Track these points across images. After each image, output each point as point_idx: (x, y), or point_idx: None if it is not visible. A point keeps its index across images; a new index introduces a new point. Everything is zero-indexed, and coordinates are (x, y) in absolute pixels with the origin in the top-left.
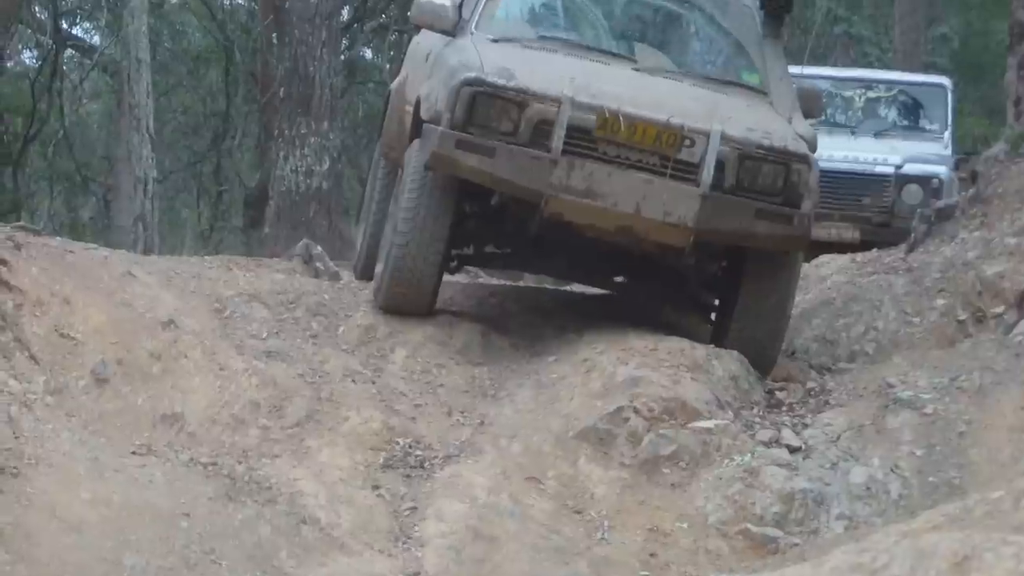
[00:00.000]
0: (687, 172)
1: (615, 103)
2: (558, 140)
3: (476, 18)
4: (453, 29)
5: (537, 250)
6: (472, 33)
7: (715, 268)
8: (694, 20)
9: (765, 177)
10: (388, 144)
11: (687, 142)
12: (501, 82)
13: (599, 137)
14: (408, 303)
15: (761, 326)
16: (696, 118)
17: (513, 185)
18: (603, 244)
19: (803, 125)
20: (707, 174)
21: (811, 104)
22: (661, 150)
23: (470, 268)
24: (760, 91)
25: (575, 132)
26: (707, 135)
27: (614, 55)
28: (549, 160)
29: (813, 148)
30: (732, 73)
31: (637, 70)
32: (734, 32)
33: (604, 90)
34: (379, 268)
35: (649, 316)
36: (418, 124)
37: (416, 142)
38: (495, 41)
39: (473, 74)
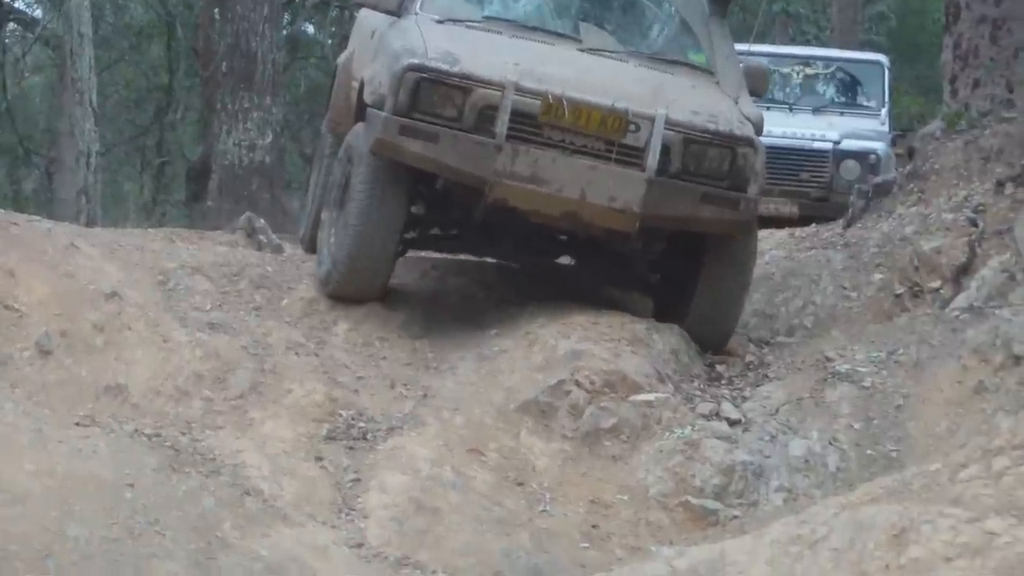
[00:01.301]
0: (632, 157)
1: (559, 87)
2: (502, 126)
3: None
4: (398, 9)
5: (483, 233)
6: (417, 13)
7: (660, 248)
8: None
9: (711, 161)
10: (335, 119)
11: (632, 127)
12: (445, 67)
13: (544, 122)
14: (362, 290)
15: (721, 307)
16: (641, 102)
17: (458, 171)
18: (549, 227)
19: (749, 105)
20: (652, 159)
21: (757, 82)
22: (606, 135)
23: None
24: (706, 71)
25: (519, 117)
26: (652, 119)
27: (559, 35)
28: (494, 146)
29: (759, 129)
30: (678, 52)
31: (582, 50)
32: (680, 11)
33: (549, 74)
34: (328, 255)
35: (591, 291)
36: (362, 107)
37: (360, 126)
38: (440, 22)
39: (417, 60)
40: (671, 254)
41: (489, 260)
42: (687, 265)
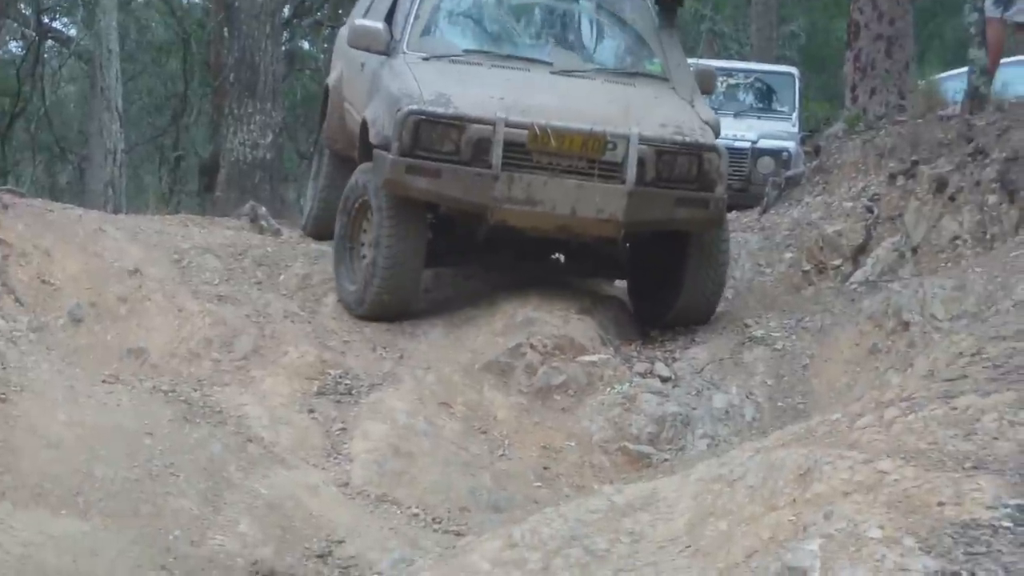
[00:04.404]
0: (613, 171)
1: (543, 118)
2: (496, 158)
3: (406, 38)
4: (387, 49)
5: (485, 247)
6: (404, 52)
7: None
8: (598, 18)
9: (680, 168)
10: (331, 137)
11: (610, 145)
12: (440, 110)
13: (532, 149)
14: (396, 307)
15: (709, 287)
16: (615, 122)
17: (460, 201)
18: (544, 238)
19: (704, 106)
20: (631, 172)
21: (706, 82)
22: (588, 155)
23: None
24: (663, 78)
25: (511, 147)
26: (627, 138)
27: (531, 61)
28: (491, 176)
29: (717, 131)
30: (637, 64)
31: (554, 73)
32: (633, 26)
33: (532, 105)
34: (352, 280)
35: (546, 271)
36: (368, 145)
37: (367, 165)
38: (426, 59)
39: (415, 104)
40: (656, 246)
41: None
42: (674, 255)
